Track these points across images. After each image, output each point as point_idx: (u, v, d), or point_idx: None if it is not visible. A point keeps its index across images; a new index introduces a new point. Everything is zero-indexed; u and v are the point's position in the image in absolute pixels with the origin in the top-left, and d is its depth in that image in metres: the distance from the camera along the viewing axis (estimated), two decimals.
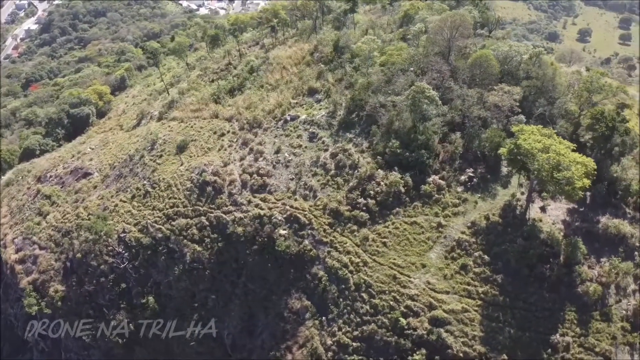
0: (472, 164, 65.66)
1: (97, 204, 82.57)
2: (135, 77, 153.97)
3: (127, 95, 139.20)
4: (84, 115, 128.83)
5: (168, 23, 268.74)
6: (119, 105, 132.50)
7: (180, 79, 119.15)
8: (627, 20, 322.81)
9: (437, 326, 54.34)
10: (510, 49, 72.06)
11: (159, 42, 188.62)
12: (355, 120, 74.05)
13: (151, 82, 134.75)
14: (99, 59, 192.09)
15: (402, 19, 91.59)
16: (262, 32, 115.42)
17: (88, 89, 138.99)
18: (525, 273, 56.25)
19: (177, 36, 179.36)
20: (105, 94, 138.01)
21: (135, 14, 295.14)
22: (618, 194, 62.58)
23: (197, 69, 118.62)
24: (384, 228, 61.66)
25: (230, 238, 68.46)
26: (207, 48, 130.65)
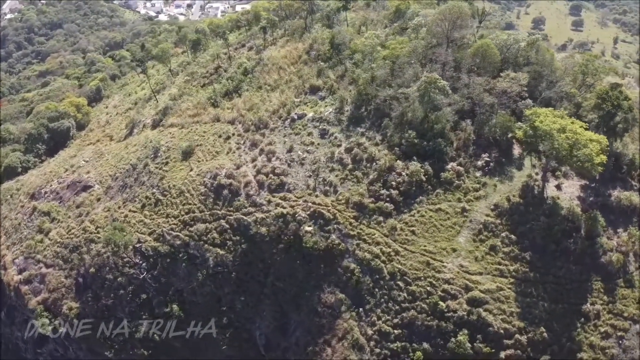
0: (486, 149, 67.95)
1: (104, 216, 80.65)
2: (110, 87, 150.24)
3: (105, 106, 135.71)
4: (64, 129, 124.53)
5: (129, 31, 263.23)
6: (100, 116, 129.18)
7: (165, 85, 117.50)
8: (577, 7, 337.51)
9: (476, 306, 56.23)
10: (508, 38, 74.90)
11: (128, 51, 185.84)
12: (365, 114, 75.21)
13: (131, 90, 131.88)
14: (66, 71, 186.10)
15: (394, 14, 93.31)
16: (247, 34, 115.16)
17: (64, 102, 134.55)
18: (551, 248, 58.89)
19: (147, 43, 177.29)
20: (82, 106, 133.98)
21: (93, 24, 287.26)
22: (623, 169, 66.13)
23: (182, 75, 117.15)
24: (410, 217, 63.10)
25: (253, 239, 68.40)
26: (188, 53, 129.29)
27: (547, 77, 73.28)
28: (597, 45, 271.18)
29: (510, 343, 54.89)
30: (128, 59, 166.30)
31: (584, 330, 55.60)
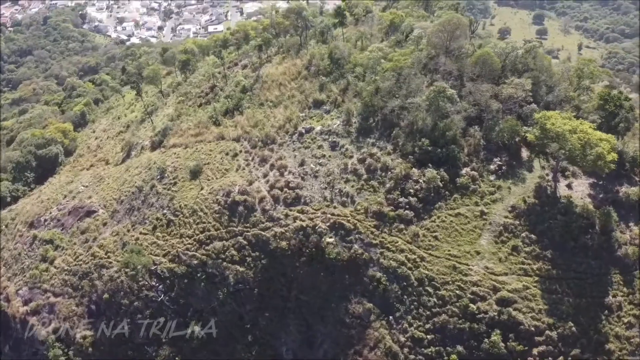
0: (496, 154, 69.99)
1: (113, 240, 79.14)
2: (95, 111, 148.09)
3: (93, 130, 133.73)
4: (52, 156, 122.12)
5: (103, 55, 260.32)
6: (88, 141, 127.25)
7: (157, 106, 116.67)
8: (540, 16, 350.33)
9: (505, 306, 57.53)
10: (507, 46, 77.73)
11: (108, 75, 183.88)
12: (373, 125, 76.53)
13: (120, 113, 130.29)
14: (45, 97, 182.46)
15: (388, 27, 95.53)
16: (239, 52, 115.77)
17: (50, 128, 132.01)
18: (570, 245, 60.92)
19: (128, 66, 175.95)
20: (69, 131, 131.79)
21: (65, 50, 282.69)
22: (626, 166, 69.03)
23: (174, 96, 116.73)
24: (431, 223, 64.30)
25: (273, 254, 68.29)
26: (176, 73, 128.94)
27: (545, 82, 76.30)
28: (563, 52, 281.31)
29: (541, 339, 56.30)
30: (110, 82, 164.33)
31: (609, 322, 57.53)
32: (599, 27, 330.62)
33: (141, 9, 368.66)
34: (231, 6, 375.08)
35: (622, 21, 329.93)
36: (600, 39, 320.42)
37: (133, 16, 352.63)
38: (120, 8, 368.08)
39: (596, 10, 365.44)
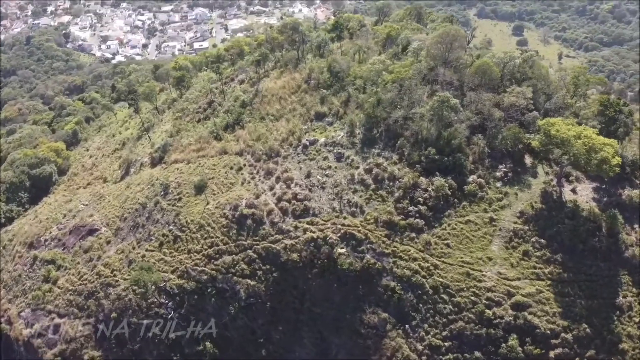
0: (500, 161, 71.20)
1: (118, 258, 78.22)
2: (86, 129, 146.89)
3: (86, 149, 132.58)
4: (46, 175, 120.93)
5: (89, 74, 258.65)
6: (82, 160, 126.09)
7: (153, 123, 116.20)
8: (519, 27, 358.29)
9: (520, 310, 58.23)
10: (505, 55, 79.47)
11: (98, 93, 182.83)
12: (377, 136, 77.31)
13: (114, 131, 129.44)
14: (34, 116, 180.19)
15: (384, 40, 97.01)
16: (234, 68, 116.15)
17: (43, 147, 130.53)
18: (580, 248, 62.10)
19: (118, 84, 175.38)
20: (62, 150, 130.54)
21: (49, 69, 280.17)
22: (627, 170, 70.73)
23: (170, 112, 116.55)
24: (442, 231, 64.97)
25: (284, 266, 68.17)
26: (170, 90, 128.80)
27: (543, 90, 78.10)
28: (544, 61, 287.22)
29: (557, 342, 57.06)
30: (100, 100, 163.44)
31: (621, 322, 58.59)
32: (578, 37, 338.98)
33: (125, 27, 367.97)
34: (215, 23, 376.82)
35: (599, 30, 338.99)
36: (579, 48, 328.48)
37: (117, 34, 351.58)
38: (103, 27, 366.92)
39: (574, 20, 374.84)
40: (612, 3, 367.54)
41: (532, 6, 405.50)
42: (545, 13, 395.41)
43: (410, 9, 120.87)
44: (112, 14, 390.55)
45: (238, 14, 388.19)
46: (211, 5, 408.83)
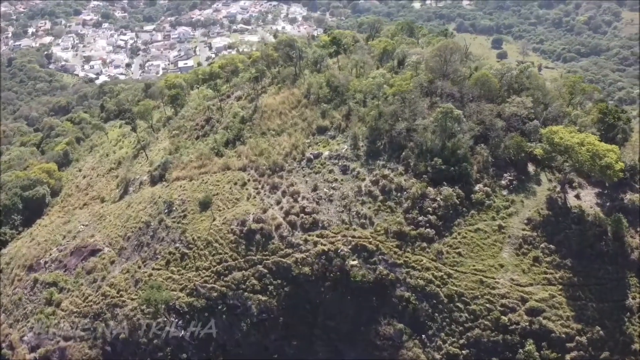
0: (504, 169, 72.53)
1: (123, 278, 77.14)
2: (77, 150, 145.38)
3: (79, 169, 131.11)
4: (39, 197, 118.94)
5: (73, 94, 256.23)
6: (76, 180, 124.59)
7: (148, 142, 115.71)
8: (498, 40, 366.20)
9: (535, 316, 58.93)
10: (503, 67, 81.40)
11: (86, 113, 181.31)
12: (380, 148, 78.17)
13: (108, 150, 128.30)
14: (21, 138, 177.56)
15: (381, 55, 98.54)
16: (229, 85, 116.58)
17: (34, 169, 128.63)
18: (588, 252, 63.36)
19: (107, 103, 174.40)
20: (54, 171, 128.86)
21: (32, 90, 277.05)
22: (626, 175, 72.50)
23: (166, 130, 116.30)
24: (452, 240, 65.70)
25: (296, 280, 68.03)
26: (164, 108, 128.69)
27: (540, 99, 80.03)
28: None
29: (572, 345, 57.85)
30: (90, 120, 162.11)
31: (631, 323, 59.73)
32: (556, 48, 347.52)
33: (107, 47, 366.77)
34: (199, 41, 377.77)
35: (576, 41, 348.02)
36: (557, 59, 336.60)
37: (99, 54, 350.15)
38: (86, 47, 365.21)
39: (550, 32, 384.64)
40: (588, 15, 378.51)
41: (509, 20, 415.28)
42: (522, 26, 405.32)
43: (402, 24, 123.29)
44: (94, 34, 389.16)
45: (221, 32, 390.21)
46: (194, 24, 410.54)
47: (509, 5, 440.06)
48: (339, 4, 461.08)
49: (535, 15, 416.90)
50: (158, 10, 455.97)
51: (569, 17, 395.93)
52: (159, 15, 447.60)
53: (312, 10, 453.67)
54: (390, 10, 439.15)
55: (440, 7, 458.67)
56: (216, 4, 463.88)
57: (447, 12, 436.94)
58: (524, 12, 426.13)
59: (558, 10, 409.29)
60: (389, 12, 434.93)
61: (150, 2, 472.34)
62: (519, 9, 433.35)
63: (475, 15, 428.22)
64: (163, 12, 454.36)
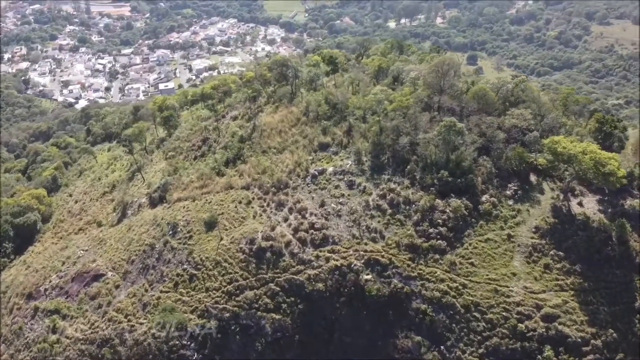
0: (507, 180, 74.16)
1: (130, 302, 75.75)
2: (66, 174, 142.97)
3: (69, 194, 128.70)
4: (31, 223, 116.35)
5: (54, 119, 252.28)
6: (67, 205, 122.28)
7: (142, 164, 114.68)
8: (473, 56, 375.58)
9: (551, 322, 59.93)
10: (499, 81, 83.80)
11: (72, 137, 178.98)
12: (385, 162, 79.22)
13: (100, 174, 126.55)
14: (5, 165, 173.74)
15: (376, 72, 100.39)
16: (224, 105, 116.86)
17: (23, 195, 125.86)
18: (596, 257, 64.99)
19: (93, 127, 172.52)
20: (44, 197, 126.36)
21: (11, 116, 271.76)
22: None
23: (160, 151, 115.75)
24: (464, 250, 66.66)
25: (310, 297, 67.87)
26: (156, 130, 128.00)
27: (536, 111, 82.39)
28: None
29: (588, 349, 58.93)
30: (78, 144, 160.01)
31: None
32: (529, 63, 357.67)
33: (85, 71, 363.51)
34: (178, 64, 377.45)
35: (549, 56, 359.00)
36: (531, 74, 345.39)
37: (78, 79, 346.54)
38: (63, 72, 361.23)
39: (523, 47, 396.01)
40: (558, 30, 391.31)
41: (482, 36, 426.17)
42: (495, 42, 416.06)
43: (391, 42, 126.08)
44: (71, 58, 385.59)
45: (201, 54, 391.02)
46: (172, 47, 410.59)
47: (481, 23, 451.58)
48: (315, 25, 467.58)
49: (507, 32, 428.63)
50: (135, 34, 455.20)
51: (540, 32, 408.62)
52: (137, 38, 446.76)
53: (289, 31, 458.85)
54: (366, 30, 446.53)
55: (415, 25, 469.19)
56: (194, 26, 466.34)
57: (422, 31, 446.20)
58: (496, 29, 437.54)
59: (529, 27, 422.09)
60: (365, 32, 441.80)
61: (127, 25, 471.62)
62: (491, 25, 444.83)
63: (449, 33, 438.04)
64: (140, 35, 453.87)
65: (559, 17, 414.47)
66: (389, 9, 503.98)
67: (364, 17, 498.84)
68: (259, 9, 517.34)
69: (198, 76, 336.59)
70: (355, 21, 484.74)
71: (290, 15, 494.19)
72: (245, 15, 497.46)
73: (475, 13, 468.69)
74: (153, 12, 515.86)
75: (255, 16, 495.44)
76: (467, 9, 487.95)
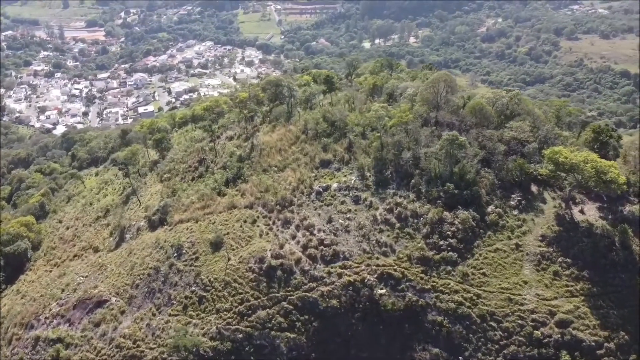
0: (510, 191, 75.91)
1: (138, 328, 74.25)
2: (53, 201, 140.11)
3: (59, 221, 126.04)
4: (21, 251, 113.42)
5: (33, 146, 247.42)
6: (58, 232, 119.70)
7: (136, 187, 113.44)
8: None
9: (565, 327, 61.11)
10: (494, 95, 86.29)
11: (57, 163, 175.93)
12: (388, 177, 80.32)
13: (91, 199, 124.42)
14: None
15: (371, 90, 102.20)
16: (217, 125, 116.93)
17: (12, 223, 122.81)
18: (602, 263, 66.69)
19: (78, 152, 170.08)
20: (33, 224, 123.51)
21: None
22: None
23: (153, 174, 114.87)
24: (475, 261, 67.72)
25: (324, 314, 67.78)
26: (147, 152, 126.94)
27: (531, 123, 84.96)
28: None
29: (602, 352, 60.11)
30: (63, 170, 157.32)
31: None
32: (502, 79, 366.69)
33: (62, 96, 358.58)
34: (157, 87, 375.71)
35: (521, 71, 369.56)
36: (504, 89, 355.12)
37: (54, 104, 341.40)
38: (39, 97, 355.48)
39: (495, 64, 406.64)
40: (528, 46, 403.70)
41: (455, 54, 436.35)
42: (468, 60, 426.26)
43: (381, 60, 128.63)
44: (46, 84, 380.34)
45: (179, 77, 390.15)
46: (150, 70, 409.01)
47: (453, 41, 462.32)
48: (292, 47, 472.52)
49: (479, 49, 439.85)
50: (111, 58, 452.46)
51: (511, 49, 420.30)
52: (112, 63, 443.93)
53: (267, 53, 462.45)
54: (342, 51, 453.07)
55: (389, 45, 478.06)
56: (170, 50, 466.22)
57: (397, 50, 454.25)
58: (468, 46, 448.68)
59: (500, 43, 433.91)
60: (341, 52, 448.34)
61: (102, 50, 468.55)
62: (463, 44, 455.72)
63: (423, 52, 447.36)
64: (116, 59, 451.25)
65: (528, 34, 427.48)
66: (363, 29, 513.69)
67: (339, 38, 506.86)
68: (235, 32, 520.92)
69: (178, 99, 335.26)
70: (330, 42, 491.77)
71: (267, 37, 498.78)
72: (221, 37, 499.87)
73: (447, 32, 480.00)
74: (128, 36, 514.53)
75: (231, 38, 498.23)
76: (439, 28, 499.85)
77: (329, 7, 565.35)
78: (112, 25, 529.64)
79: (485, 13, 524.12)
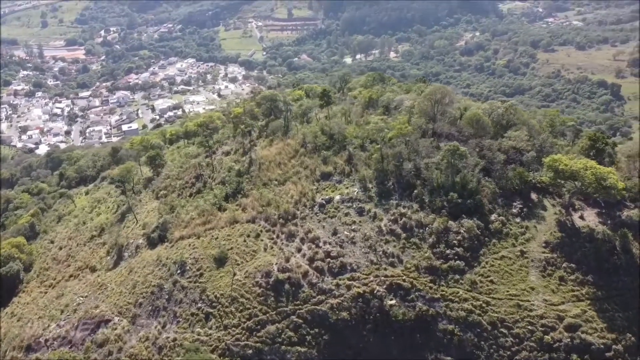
0: (511, 199, 77.30)
1: (144, 347, 73.11)
2: (43, 221, 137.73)
3: (51, 241, 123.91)
4: (14, 273, 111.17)
5: (16, 166, 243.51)
6: (51, 252, 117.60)
7: (130, 204, 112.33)
8: None
9: (574, 331, 62.10)
10: (490, 106, 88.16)
11: (44, 182, 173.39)
12: (391, 188, 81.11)
13: (84, 218, 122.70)
14: None
15: (367, 103, 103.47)
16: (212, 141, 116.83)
17: (3, 244, 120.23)
18: (605, 267, 68.08)
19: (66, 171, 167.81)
20: (24, 245, 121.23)
21: None
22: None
23: (148, 191, 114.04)
24: (482, 269, 68.54)
25: (335, 327, 67.67)
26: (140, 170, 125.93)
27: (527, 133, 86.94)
28: None
29: (611, 354, 61.07)
30: (52, 190, 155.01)
31: None
32: (482, 91, 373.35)
33: (43, 115, 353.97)
34: (140, 104, 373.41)
35: (500, 83, 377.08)
36: (486, 101, 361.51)
37: (36, 124, 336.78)
38: (20, 117, 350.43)
39: (475, 77, 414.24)
40: (506, 59, 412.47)
41: (435, 68, 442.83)
42: (448, 73, 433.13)
43: (373, 75, 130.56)
44: (27, 103, 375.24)
45: (162, 94, 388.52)
46: (132, 88, 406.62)
47: (433, 55, 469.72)
48: (274, 63, 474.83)
49: (458, 63, 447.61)
50: (92, 77, 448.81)
51: (490, 62, 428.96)
52: (94, 81, 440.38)
53: (249, 69, 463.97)
54: (324, 66, 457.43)
55: (370, 60, 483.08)
56: (152, 67, 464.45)
57: (378, 65, 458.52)
58: (448, 60, 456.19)
59: (479, 57, 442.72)
60: (323, 67, 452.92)
61: (82, 68, 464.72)
62: (442, 57, 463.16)
63: (404, 66, 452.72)
64: (97, 77, 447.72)
65: (505, 47, 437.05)
66: (344, 45, 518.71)
67: (321, 53, 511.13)
68: (217, 49, 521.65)
69: (162, 116, 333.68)
70: (312, 58, 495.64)
71: (249, 53, 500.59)
72: (203, 54, 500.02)
73: (426, 46, 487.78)
74: (109, 54, 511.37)
75: (213, 55, 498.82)
76: (419, 43, 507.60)
77: (310, 23, 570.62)
78: (92, 44, 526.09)
79: (463, 27, 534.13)
